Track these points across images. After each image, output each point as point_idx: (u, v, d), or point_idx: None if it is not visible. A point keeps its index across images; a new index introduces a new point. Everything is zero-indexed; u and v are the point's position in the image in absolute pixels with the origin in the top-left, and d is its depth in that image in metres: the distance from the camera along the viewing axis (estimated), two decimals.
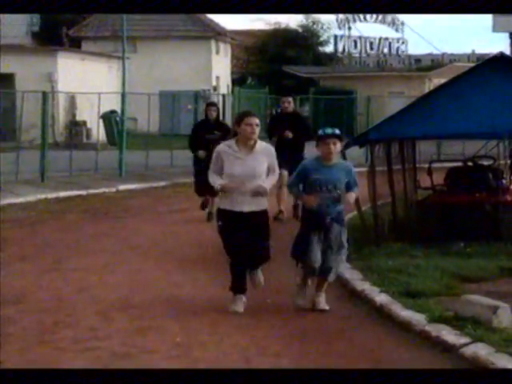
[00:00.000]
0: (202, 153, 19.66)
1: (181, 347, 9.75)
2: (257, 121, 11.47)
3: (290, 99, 21.74)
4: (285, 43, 71.46)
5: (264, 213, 11.76)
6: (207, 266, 14.89)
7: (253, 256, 11.61)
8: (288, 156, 18.80)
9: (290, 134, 20.39)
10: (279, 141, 20.18)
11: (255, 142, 11.44)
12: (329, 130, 11.73)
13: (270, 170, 11.70)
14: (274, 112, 42.27)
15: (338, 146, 11.64)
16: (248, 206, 11.44)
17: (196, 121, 37.18)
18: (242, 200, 11.37)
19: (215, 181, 11.38)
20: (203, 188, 18.99)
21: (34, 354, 9.45)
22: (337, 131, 11.67)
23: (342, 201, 11.87)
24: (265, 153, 11.68)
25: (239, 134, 11.51)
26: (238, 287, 11.74)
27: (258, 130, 11.48)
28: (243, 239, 11.44)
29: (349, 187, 11.78)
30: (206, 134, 19.97)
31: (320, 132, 11.80)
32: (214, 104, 22.01)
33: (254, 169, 11.36)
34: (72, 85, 43.66)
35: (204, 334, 10.38)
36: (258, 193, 11.34)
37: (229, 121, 41.21)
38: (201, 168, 18.86)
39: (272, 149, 12.04)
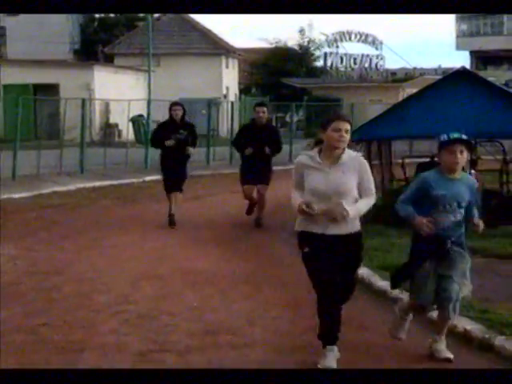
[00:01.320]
0: (170, 142, 16.36)
1: (196, 310, 9.77)
2: (347, 126, 8.05)
3: (265, 109, 16.88)
4: (283, 59, 71.51)
5: (355, 236, 8.12)
6: (218, 244, 14.95)
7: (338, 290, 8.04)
8: (260, 169, 16.28)
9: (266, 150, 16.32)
10: (254, 154, 16.22)
11: (343, 152, 8.06)
12: (456, 135, 8.20)
13: (362, 189, 8.13)
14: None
15: (465, 154, 8.17)
16: (334, 227, 7.90)
17: (209, 123, 37.42)
18: (325, 221, 7.88)
19: (296, 200, 7.96)
20: (171, 185, 16.97)
21: (73, 316, 9.47)
22: (464, 136, 8.17)
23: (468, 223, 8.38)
24: (354, 165, 8.10)
25: (324, 140, 8.14)
26: (328, 335, 7.85)
27: (348, 137, 8.03)
28: (332, 267, 7.92)
29: (469, 209, 8.31)
30: (172, 134, 16.34)
31: (443, 137, 8.35)
32: (179, 104, 17.56)
33: (340, 184, 7.91)
34: (106, 93, 43.64)
35: (216, 300, 10.40)
36: (334, 215, 7.83)
37: (236, 124, 41.38)
38: (169, 165, 16.93)
39: (364, 161, 8.45)
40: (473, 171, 17.64)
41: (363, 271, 11.54)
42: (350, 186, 7.96)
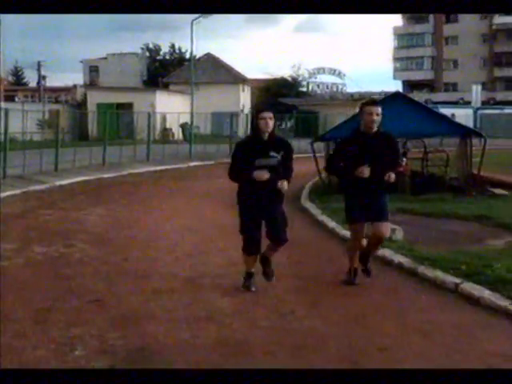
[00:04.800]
0: (263, 174, 6.85)
1: (222, 251, 9.74)
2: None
3: (380, 109, 7.71)
4: (280, 85, 71.39)
5: None
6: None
7: None
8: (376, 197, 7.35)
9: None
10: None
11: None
12: None
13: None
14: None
15: None
16: None
17: (231, 128, 37.38)
18: None
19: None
20: (257, 243, 7.25)
21: (143, 254, 9.47)
22: None
23: None
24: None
25: None
26: None
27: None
28: None
29: None
30: (259, 156, 6.87)
31: None
32: (270, 109, 6.99)
33: None
34: (164, 108, 43.54)
35: (235, 243, 10.35)
36: None
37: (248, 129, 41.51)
38: (255, 208, 7.20)
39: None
40: (404, 159, 17.61)
41: (333, 224, 11.56)
42: None
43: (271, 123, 6.78)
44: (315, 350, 5.45)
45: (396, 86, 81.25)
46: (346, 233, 10.58)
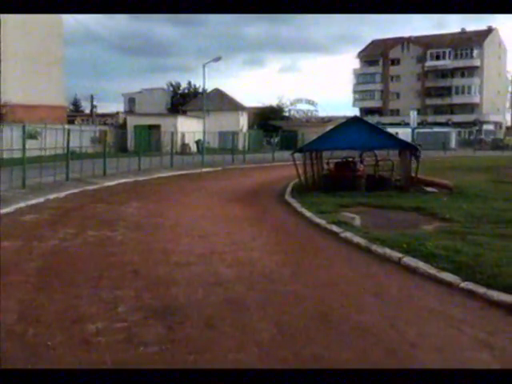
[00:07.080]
0: None
1: (228, 233, 9.70)
2: None
3: None
4: (269, 111, 71.33)
5: None
6: (238, 201, 14.86)
7: None
8: None
9: None
10: None
11: None
12: None
13: None
14: None
15: None
16: None
17: (233, 143, 37.30)
18: None
19: None
20: None
21: (167, 236, 9.43)
22: None
23: None
24: None
25: None
26: None
27: None
28: None
29: None
30: None
31: None
32: None
33: None
34: (183, 129, 43.38)
35: (236, 228, 10.34)
36: None
37: (246, 143, 41.37)
38: None
39: None
40: (361, 165, 17.60)
41: (309, 214, 11.53)
42: None
43: None
44: (296, 305, 5.45)
45: (355, 112, 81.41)
46: (320, 221, 10.56)
